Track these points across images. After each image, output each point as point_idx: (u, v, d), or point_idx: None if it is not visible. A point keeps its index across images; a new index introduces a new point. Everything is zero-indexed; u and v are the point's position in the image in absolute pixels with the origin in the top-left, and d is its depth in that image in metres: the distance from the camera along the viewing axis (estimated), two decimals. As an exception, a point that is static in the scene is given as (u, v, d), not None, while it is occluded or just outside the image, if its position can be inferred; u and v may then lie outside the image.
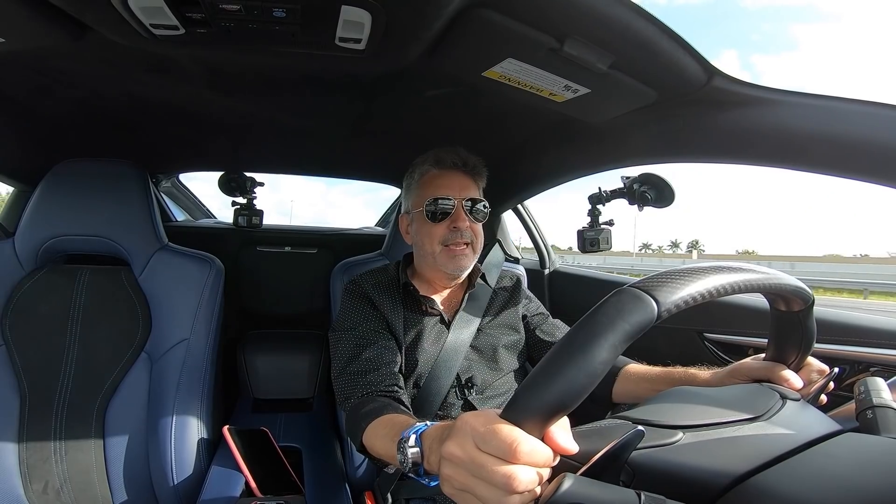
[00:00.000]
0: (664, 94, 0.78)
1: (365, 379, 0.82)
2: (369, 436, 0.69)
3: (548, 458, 0.37)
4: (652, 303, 0.37)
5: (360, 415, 0.74)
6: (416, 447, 0.50)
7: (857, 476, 0.37)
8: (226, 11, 0.61)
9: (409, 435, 0.52)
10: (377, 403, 0.75)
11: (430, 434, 0.51)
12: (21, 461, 0.92)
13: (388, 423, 0.67)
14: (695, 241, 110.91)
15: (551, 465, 0.38)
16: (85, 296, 1.00)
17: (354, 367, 0.84)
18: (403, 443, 0.52)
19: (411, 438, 0.51)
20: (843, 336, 0.89)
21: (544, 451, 0.37)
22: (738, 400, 0.50)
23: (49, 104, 1.02)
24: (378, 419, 0.69)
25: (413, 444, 0.51)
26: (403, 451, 0.51)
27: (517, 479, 0.35)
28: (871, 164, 0.65)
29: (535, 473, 0.36)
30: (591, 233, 1.22)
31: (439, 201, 0.91)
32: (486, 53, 0.71)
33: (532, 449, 0.36)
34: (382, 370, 0.83)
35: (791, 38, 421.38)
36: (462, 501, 0.39)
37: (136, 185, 1.06)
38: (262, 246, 1.70)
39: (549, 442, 0.37)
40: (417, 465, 0.50)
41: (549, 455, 0.37)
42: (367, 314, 0.93)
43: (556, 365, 0.36)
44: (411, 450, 0.50)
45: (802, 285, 0.50)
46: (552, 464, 0.37)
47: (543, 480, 0.37)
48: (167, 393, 0.98)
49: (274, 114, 1.13)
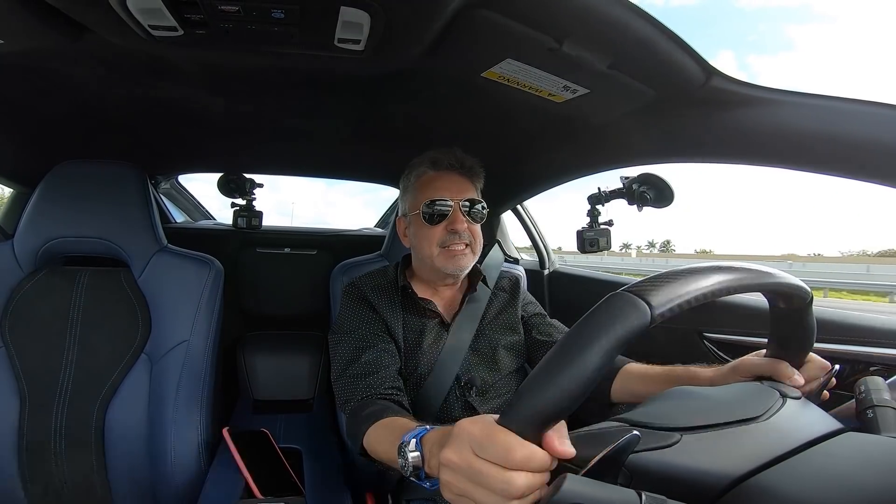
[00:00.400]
0: (663, 94, 0.78)
1: (364, 382, 0.82)
2: (370, 439, 0.69)
3: (544, 463, 0.37)
4: (645, 307, 0.37)
5: (360, 418, 0.74)
6: (417, 451, 0.51)
7: (857, 475, 0.37)
8: (224, 13, 0.61)
9: (410, 439, 0.52)
10: (377, 407, 0.75)
11: (430, 438, 0.51)
12: (21, 463, 0.92)
13: (388, 426, 0.67)
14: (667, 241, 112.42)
15: (549, 470, 0.38)
16: (84, 297, 1.00)
17: (354, 370, 0.84)
18: (404, 447, 0.52)
19: (411, 443, 0.52)
20: (842, 335, 0.89)
21: (540, 457, 0.37)
22: (737, 400, 0.50)
23: (48, 105, 1.02)
24: (378, 422, 0.69)
25: (413, 449, 0.51)
26: (404, 456, 0.51)
27: (514, 485, 0.36)
28: (871, 164, 0.65)
29: (532, 479, 0.37)
30: (591, 233, 1.22)
31: (436, 203, 0.90)
32: (485, 54, 0.71)
33: (527, 456, 0.36)
34: (382, 373, 0.83)
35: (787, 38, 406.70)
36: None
37: (136, 187, 1.06)
38: (262, 247, 1.69)
39: (546, 446, 0.37)
40: (418, 468, 0.50)
41: (545, 461, 0.37)
42: (366, 317, 0.93)
43: (549, 372, 0.36)
44: (412, 454, 0.51)
45: (799, 283, 0.50)
46: (549, 468, 0.38)
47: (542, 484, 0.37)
48: (167, 394, 0.97)
49: (273, 115, 1.13)
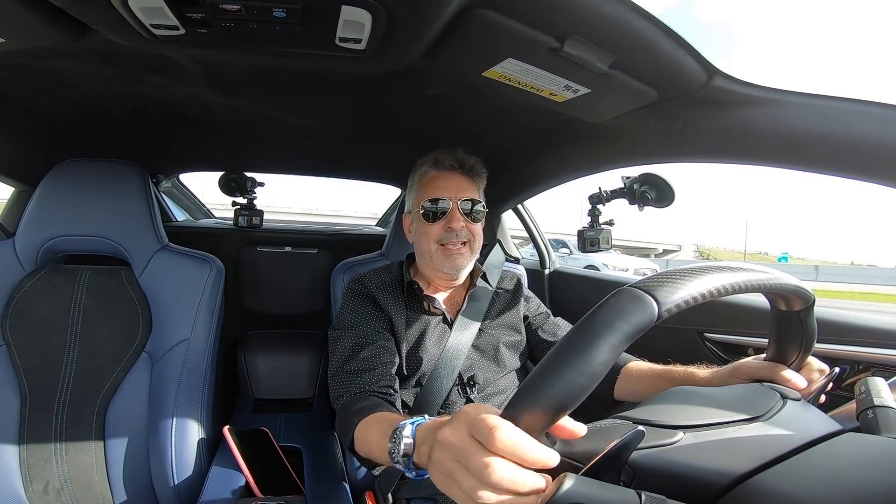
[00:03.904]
0: (664, 94, 0.78)
1: (360, 378, 0.82)
2: (360, 431, 0.69)
3: (533, 456, 0.35)
4: (652, 303, 0.37)
5: (351, 412, 0.74)
6: (411, 438, 0.51)
7: (857, 476, 0.37)
8: (226, 11, 0.61)
9: (406, 425, 0.52)
10: (369, 402, 0.75)
11: (425, 426, 0.51)
12: (22, 461, 0.92)
13: (380, 419, 0.67)
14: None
15: (538, 467, 0.36)
16: (85, 296, 1.00)
17: (351, 366, 0.85)
18: (398, 431, 0.52)
19: (407, 428, 0.52)
20: (843, 336, 0.89)
21: (528, 446, 0.35)
22: (738, 400, 0.50)
23: (49, 104, 1.02)
24: (371, 416, 0.69)
25: (408, 434, 0.51)
26: (397, 440, 0.51)
27: (492, 469, 0.34)
28: (871, 164, 0.65)
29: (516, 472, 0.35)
30: (592, 233, 1.22)
31: (436, 202, 0.93)
32: (486, 53, 0.71)
33: (512, 439, 0.35)
34: (378, 370, 0.84)
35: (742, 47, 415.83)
36: (447, 490, 0.39)
37: (137, 186, 1.06)
38: (263, 246, 1.69)
39: (556, 430, 0.37)
40: (408, 456, 0.50)
41: (533, 452, 0.35)
42: (368, 314, 0.93)
43: (555, 366, 0.36)
44: (405, 439, 0.51)
45: (803, 285, 0.50)
46: (539, 465, 0.35)
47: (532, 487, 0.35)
48: (167, 393, 0.98)
49: (274, 114, 1.13)
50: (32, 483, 0.91)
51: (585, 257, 9.79)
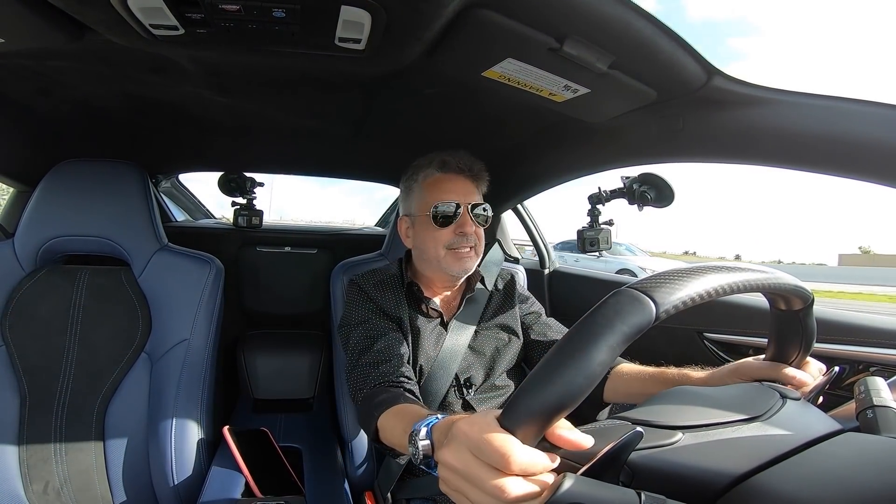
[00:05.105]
0: (664, 94, 0.78)
1: (377, 370, 0.82)
2: (382, 425, 0.69)
3: (543, 466, 0.37)
4: (650, 303, 0.37)
5: (372, 405, 0.74)
6: (427, 440, 0.51)
7: (857, 476, 0.37)
8: (225, 12, 0.61)
9: (420, 428, 0.52)
10: (388, 394, 0.75)
11: (440, 427, 0.51)
12: (21, 461, 0.92)
13: (400, 413, 0.67)
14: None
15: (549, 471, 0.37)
16: (85, 296, 1.00)
17: (367, 359, 0.84)
18: (414, 436, 0.52)
19: (422, 431, 0.52)
20: (843, 336, 0.89)
21: (539, 460, 0.36)
22: (737, 400, 0.49)
23: (49, 104, 1.02)
24: (390, 409, 0.69)
25: (424, 437, 0.51)
26: (415, 444, 0.51)
27: (507, 490, 0.35)
28: (872, 164, 0.65)
29: (529, 486, 0.36)
30: (591, 233, 1.22)
31: (446, 206, 0.91)
32: (485, 53, 0.71)
33: (526, 460, 0.36)
34: (394, 361, 0.84)
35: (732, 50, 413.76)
36: (457, 501, 0.40)
37: (136, 186, 1.06)
38: (262, 246, 1.69)
39: (558, 441, 0.37)
40: (428, 457, 0.50)
41: (544, 463, 0.37)
42: (373, 310, 0.94)
43: (554, 367, 0.36)
44: (422, 443, 0.51)
45: (802, 284, 0.50)
46: (549, 469, 0.37)
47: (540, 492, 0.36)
48: (167, 393, 0.98)
49: (273, 114, 1.13)
50: (32, 483, 0.91)
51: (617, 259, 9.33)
